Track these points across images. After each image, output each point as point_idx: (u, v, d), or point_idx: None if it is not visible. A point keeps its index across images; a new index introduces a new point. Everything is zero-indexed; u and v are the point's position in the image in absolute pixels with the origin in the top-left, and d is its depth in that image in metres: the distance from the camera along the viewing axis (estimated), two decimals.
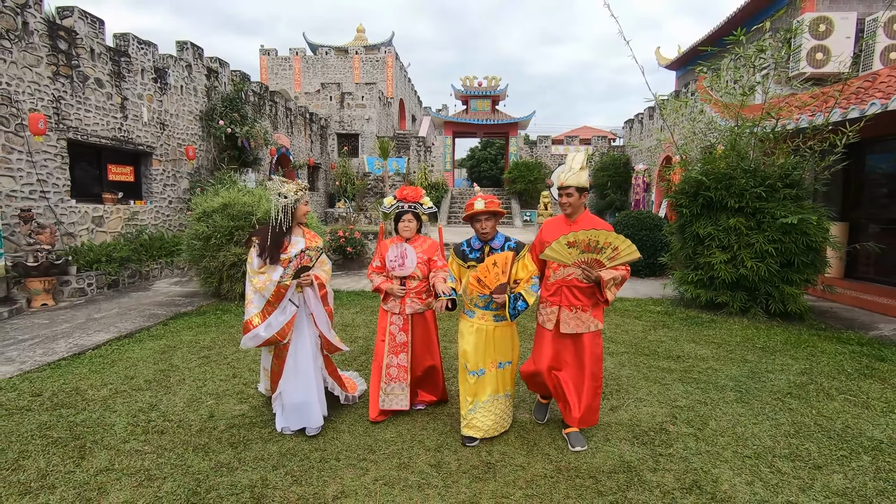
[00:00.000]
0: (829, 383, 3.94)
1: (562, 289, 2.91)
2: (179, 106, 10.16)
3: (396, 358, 3.26)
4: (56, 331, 5.30)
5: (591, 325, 2.90)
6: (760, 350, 4.84)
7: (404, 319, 3.25)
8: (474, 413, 2.93)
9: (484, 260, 2.92)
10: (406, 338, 3.26)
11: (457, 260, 3.09)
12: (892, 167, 7.08)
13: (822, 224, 5.75)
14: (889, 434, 3.08)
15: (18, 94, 6.67)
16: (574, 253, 2.74)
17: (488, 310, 2.92)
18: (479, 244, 3.02)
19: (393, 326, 3.26)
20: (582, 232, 2.68)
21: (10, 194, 6.58)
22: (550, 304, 2.96)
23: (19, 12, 6.66)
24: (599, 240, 2.68)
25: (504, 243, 2.98)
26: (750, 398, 3.63)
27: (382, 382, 3.23)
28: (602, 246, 2.70)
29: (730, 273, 5.91)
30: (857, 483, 2.55)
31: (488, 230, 2.94)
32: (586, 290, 2.88)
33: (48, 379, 3.93)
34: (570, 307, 2.89)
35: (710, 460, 2.77)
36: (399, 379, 3.25)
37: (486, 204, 2.90)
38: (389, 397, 3.24)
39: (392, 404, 3.25)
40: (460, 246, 3.11)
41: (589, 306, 2.89)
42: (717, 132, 7.22)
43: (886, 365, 4.39)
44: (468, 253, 3.04)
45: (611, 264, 2.75)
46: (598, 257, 2.74)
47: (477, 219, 2.93)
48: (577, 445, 2.87)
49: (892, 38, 9.00)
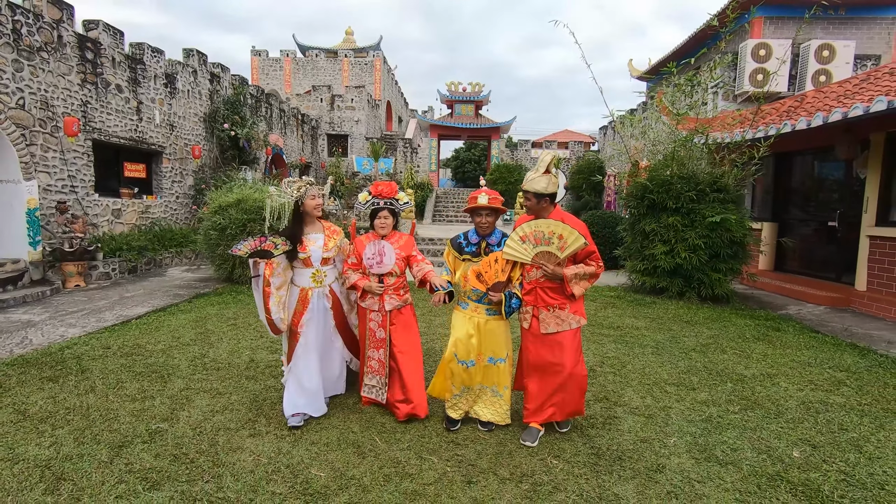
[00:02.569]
0: (727, 344, 5.10)
1: (535, 289, 2.93)
2: (186, 108, 11.03)
3: (377, 353, 3.27)
4: (98, 305, 6.21)
5: (571, 323, 2.90)
6: (685, 323, 6.00)
7: (383, 316, 3.22)
8: (459, 398, 3.04)
9: (479, 254, 2.99)
10: (384, 334, 3.23)
11: (452, 251, 3.14)
12: (810, 176, 8.37)
13: (743, 222, 6.95)
14: (753, 373, 4.23)
15: (53, 100, 7.53)
16: (529, 248, 2.82)
17: (481, 303, 2.96)
18: (477, 238, 3.07)
19: (372, 323, 3.25)
20: (526, 224, 2.82)
21: (46, 188, 7.44)
22: (526, 303, 2.98)
23: (55, 27, 7.51)
24: (543, 230, 2.80)
25: (501, 239, 3.03)
26: (662, 352, 4.77)
27: (365, 373, 3.34)
28: (548, 236, 2.80)
29: (669, 262, 7.08)
30: (716, 396, 3.68)
31: (486, 225, 2.99)
32: (558, 288, 2.89)
33: (110, 338, 4.88)
34: (547, 306, 2.90)
35: (620, 386, 3.88)
36: (378, 373, 3.28)
37: (490, 200, 2.95)
38: (370, 388, 3.34)
39: (371, 394, 3.33)
40: (457, 238, 3.16)
41: (567, 303, 2.90)
42: (661, 144, 8.41)
43: (779, 334, 5.57)
44: (464, 246, 3.09)
45: (563, 254, 2.80)
46: (548, 249, 2.81)
47: (478, 213, 2.99)
48: (527, 440, 2.89)
49: (821, 64, 10.33)
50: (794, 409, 3.47)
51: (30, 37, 7.06)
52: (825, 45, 10.32)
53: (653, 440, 2.99)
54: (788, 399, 3.66)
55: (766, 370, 4.29)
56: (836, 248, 7.58)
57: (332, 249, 3.26)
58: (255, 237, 3.03)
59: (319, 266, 3.24)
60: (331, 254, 3.27)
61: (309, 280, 3.23)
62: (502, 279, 2.81)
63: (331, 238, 3.27)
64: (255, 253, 2.93)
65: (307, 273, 3.23)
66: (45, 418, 3.09)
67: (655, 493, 2.45)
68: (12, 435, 2.88)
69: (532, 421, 2.98)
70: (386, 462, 2.68)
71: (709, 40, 13.31)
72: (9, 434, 2.89)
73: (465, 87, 21.79)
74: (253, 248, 2.93)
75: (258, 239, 2.97)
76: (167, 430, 2.98)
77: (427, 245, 11.52)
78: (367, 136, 21.92)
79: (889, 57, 12.07)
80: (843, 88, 8.11)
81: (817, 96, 8.61)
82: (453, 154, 38.27)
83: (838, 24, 12.22)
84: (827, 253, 7.88)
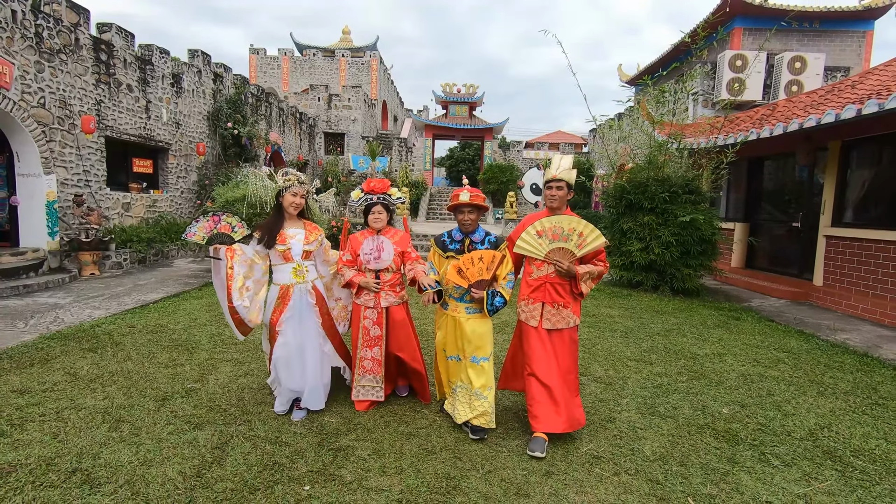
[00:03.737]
0: (689, 329, 5.70)
1: (544, 285, 2.91)
2: (191, 107, 11.49)
3: (370, 351, 3.24)
4: (116, 291, 6.70)
5: (570, 321, 2.92)
6: (655, 312, 6.59)
7: (378, 313, 3.21)
8: (456, 394, 3.03)
9: (463, 251, 3.00)
10: (380, 331, 3.22)
11: (437, 250, 3.15)
12: (778, 180, 9.01)
13: (711, 221, 7.56)
14: (706, 352, 4.82)
15: (71, 99, 7.99)
16: (544, 244, 2.80)
17: (462, 301, 2.96)
18: (461, 236, 3.08)
19: (367, 321, 3.22)
20: (546, 219, 2.81)
21: (63, 182, 7.91)
22: (533, 300, 2.95)
23: (73, 30, 7.97)
24: (564, 226, 2.78)
25: (484, 237, 3.06)
26: (630, 336, 5.35)
27: (357, 375, 3.27)
28: (567, 233, 2.77)
29: (644, 258, 7.68)
30: (669, 370, 4.27)
31: (469, 223, 3.01)
32: (567, 287, 2.90)
33: (133, 318, 5.39)
34: (553, 304, 2.90)
35: (588, 362, 4.45)
36: (373, 371, 3.26)
37: (471, 197, 2.98)
38: (365, 389, 3.28)
39: (367, 395, 3.28)
40: (441, 237, 3.18)
41: (570, 302, 2.92)
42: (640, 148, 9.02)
43: (738, 322, 6.18)
44: (448, 244, 3.10)
45: (580, 252, 2.79)
46: (566, 246, 2.79)
47: (460, 210, 3.02)
48: (536, 450, 2.74)
49: (794, 74, 10.98)
50: (733, 380, 4.07)
51: (50, 40, 7.53)
52: (797, 58, 10.97)
53: (609, 401, 3.57)
54: (731, 372, 4.26)
55: (717, 350, 4.89)
56: (800, 247, 8.21)
57: (313, 243, 3.14)
58: (208, 217, 2.88)
59: (301, 260, 3.08)
60: (312, 247, 3.13)
61: (290, 276, 3.06)
62: (486, 277, 2.81)
63: (311, 233, 3.17)
64: (213, 238, 2.81)
65: (287, 268, 3.06)
66: (94, 379, 3.62)
67: (605, 437, 3.03)
68: (69, 391, 3.40)
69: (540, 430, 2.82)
70: (385, 413, 3.24)
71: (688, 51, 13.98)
72: (66, 390, 3.41)
73: (459, 89, 22.34)
74: (209, 230, 2.82)
75: (212, 219, 2.86)
76: (200, 388, 3.52)
77: (421, 241, 12.09)
78: (364, 135, 22.42)
79: (860, 68, 12.77)
80: (810, 98, 8.75)
81: (787, 105, 9.24)
82: (447, 153, 38.84)
83: (813, 37, 12.93)
84: (791, 251, 8.51)
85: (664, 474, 2.62)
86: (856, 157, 7.08)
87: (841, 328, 5.91)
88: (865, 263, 6.62)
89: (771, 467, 2.72)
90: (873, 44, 12.88)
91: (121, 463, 2.54)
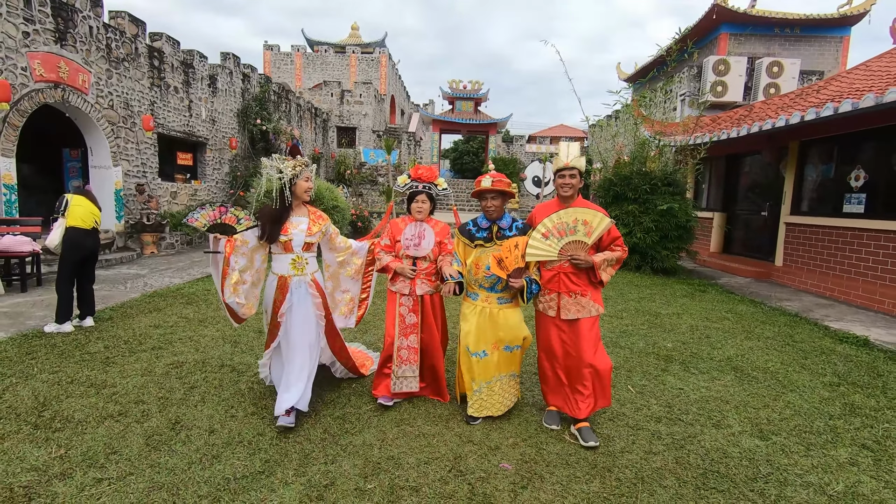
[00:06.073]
0: (661, 298, 6.90)
1: (559, 275, 2.88)
2: (224, 105, 12.69)
3: (407, 340, 3.17)
4: (179, 266, 7.96)
5: (591, 310, 2.87)
6: (634, 286, 7.80)
7: (414, 300, 3.15)
8: (479, 394, 2.94)
9: (492, 239, 2.91)
10: (416, 319, 3.16)
11: (462, 239, 3.05)
12: (750, 174, 10.17)
13: (686, 210, 8.74)
14: (668, 312, 6.03)
15: (132, 101, 9.21)
16: (554, 244, 2.73)
17: (493, 291, 2.91)
18: (487, 223, 2.99)
19: (402, 308, 3.15)
20: (547, 219, 2.73)
21: (126, 173, 9.15)
22: (549, 290, 2.93)
23: (133, 40, 9.17)
24: (567, 220, 2.72)
25: (512, 223, 2.96)
26: (608, 301, 6.55)
27: (394, 366, 3.16)
28: (572, 225, 2.72)
29: (627, 242, 8.87)
30: (634, 322, 5.48)
31: (493, 209, 2.93)
32: (582, 274, 2.86)
33: (205, 285, 6.62)
34: (570, 293, 2.86)
35: None
36: (410, 361, 3.17)
37: (494, 182, 2.88)
38: (401, 380, 3.18)
39: (403, 387, 3.18)
40: (466, 225, 3.07)
41: (588, 290, 2.87)
42: (628, 146, 10.19)
43: (703, 293, 7.37)
44: (475, 232, 3.00)
45: (591, 239, 2.74)
46: (576, 238, 2.73)
47: (484, 196, 2.94)
48: (589, 440, 2.74)
49: (772, 78, 12.08)
50: (683, 329, 5.29)
51: (116, 50, 8.73)
52: (775, 62, 12.07)
53: None
54: (683, 325, 5.48)
55: (677, 311, 6.11)
56: (767, 234, 9.39)
57: (315, 234, 2.99)
58: (215, 206, 2.81)
59: (301, 252, 2.95)
60: (314, 239, 3.00)
61: (288, 267, 2.93)
62: (521, 265, 2.72)
63: (315, 223, 3.01)
64: (214, 227, 2.74)
65: (286, 259, 2.93)
66: (202, 320, 4.87)
67: None
68: (189, 326, 4.66)
69: (582, 415, 2.86)
70: None
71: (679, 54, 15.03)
72: (186, 326, 4.67)
73: (465, 85, 23.46)
74: (212, 219, 2.73)
75: (218, 209, 2.78)
76: None
77: None
78: (374, 129, 23.58)
79: (836, 71, 13.83)
80: (782, 101, 9.89)
81: (763, 107, 10.37)
82: (452, 146, 39.99)
83: (794, 41, 13.99)
84: (760, 238, 9.70)
85: (614, 376, 3.84)
86: (811, 155, 8.24)
87: (787, 298, 7.11)
88: (814, 246, 7.80)
89: (690, 374, 3.95)
90: (850, 48, 13.91)
91: (248, 364, 3.79)
